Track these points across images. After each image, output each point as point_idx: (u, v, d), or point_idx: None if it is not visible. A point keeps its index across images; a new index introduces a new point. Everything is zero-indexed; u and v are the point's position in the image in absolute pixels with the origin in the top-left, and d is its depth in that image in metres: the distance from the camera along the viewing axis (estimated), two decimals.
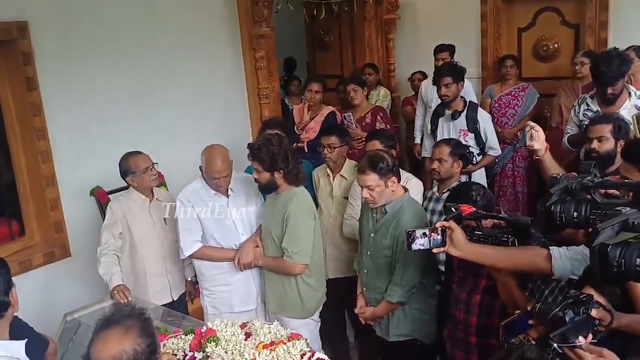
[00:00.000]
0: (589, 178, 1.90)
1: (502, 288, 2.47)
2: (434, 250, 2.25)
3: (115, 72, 4.19)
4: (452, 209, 2.35)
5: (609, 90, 3.79)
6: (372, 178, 2.95)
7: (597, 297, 1.76)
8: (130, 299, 3.13)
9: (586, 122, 3.90)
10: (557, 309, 1.70)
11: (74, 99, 3.98)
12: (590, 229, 1.76)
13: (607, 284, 1.73)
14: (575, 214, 1.84)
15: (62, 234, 3.98)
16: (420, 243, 2.21)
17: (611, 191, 1.99)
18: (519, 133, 5.29)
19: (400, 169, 3.30)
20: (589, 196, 1.86)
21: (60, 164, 3.91)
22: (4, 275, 1.89)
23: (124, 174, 3.46)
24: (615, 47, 4.47)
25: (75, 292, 3.86)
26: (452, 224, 2.21)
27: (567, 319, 1.67)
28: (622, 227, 1.64)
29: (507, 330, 1.97)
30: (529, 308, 1.99)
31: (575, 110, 4.05)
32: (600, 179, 1.92)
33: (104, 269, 3.26)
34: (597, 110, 3.89)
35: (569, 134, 4.03)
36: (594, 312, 1.70)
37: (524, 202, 5.37)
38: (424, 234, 2.20)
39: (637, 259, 1.58)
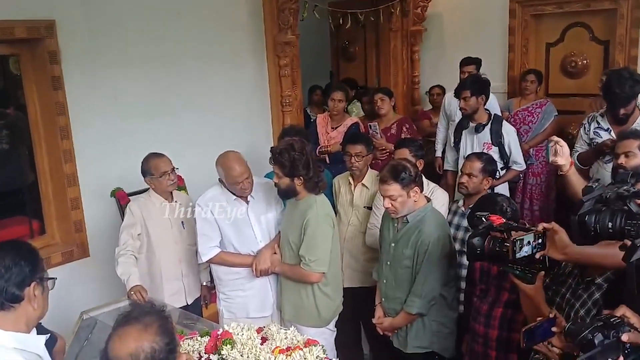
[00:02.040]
0: (625, 187, 1.82)
1: (525, 302, 2.39)
2: (537, 255, 2.09)
3: (139, 75, 4.22)
4: (482, 219, 2.26)
5: (622, 111, 3.75)
6: (394, 188, 2.91)
7: (631, 318, 1.69)
8: (147, 299, 3.11)
9: (596, 140, 3.88)
10: (587, 331, 1.65)
11: (98, 100, 4.00)
12: (624, 241, 1.69)
13: None
14: (610, 224, 1.75)
15: (82, 234, 4.01)
16: (525, 250, 2.06)
17: None
18: (530, 150, 5.20)
19: (424, 179, 3.24)
20: (625, 206, 1.77)
21: (82, 164, 3.94)
22: (22, 267, 1.75)
23: (143, 174, 3.48)
24: (627, 67, 4.37)
25: (92, 292, 3.88)
26: (555, 225, 2.06)
27: (596, 341, 1.63)
28: None
29: (528, 336, 1.90)
30: (551, 316, 1.93)
31: (585, 128, 4.00)
32: (636, 189, 1.84)
33: (121, 269, 3.26)
34: (608, 128, 3.85)
35: (578, 152, 3.97)
36: (624, 337, 1.64)
37: (537, 219, 5.24)
38: (529, 241, 2.06)
39: None
